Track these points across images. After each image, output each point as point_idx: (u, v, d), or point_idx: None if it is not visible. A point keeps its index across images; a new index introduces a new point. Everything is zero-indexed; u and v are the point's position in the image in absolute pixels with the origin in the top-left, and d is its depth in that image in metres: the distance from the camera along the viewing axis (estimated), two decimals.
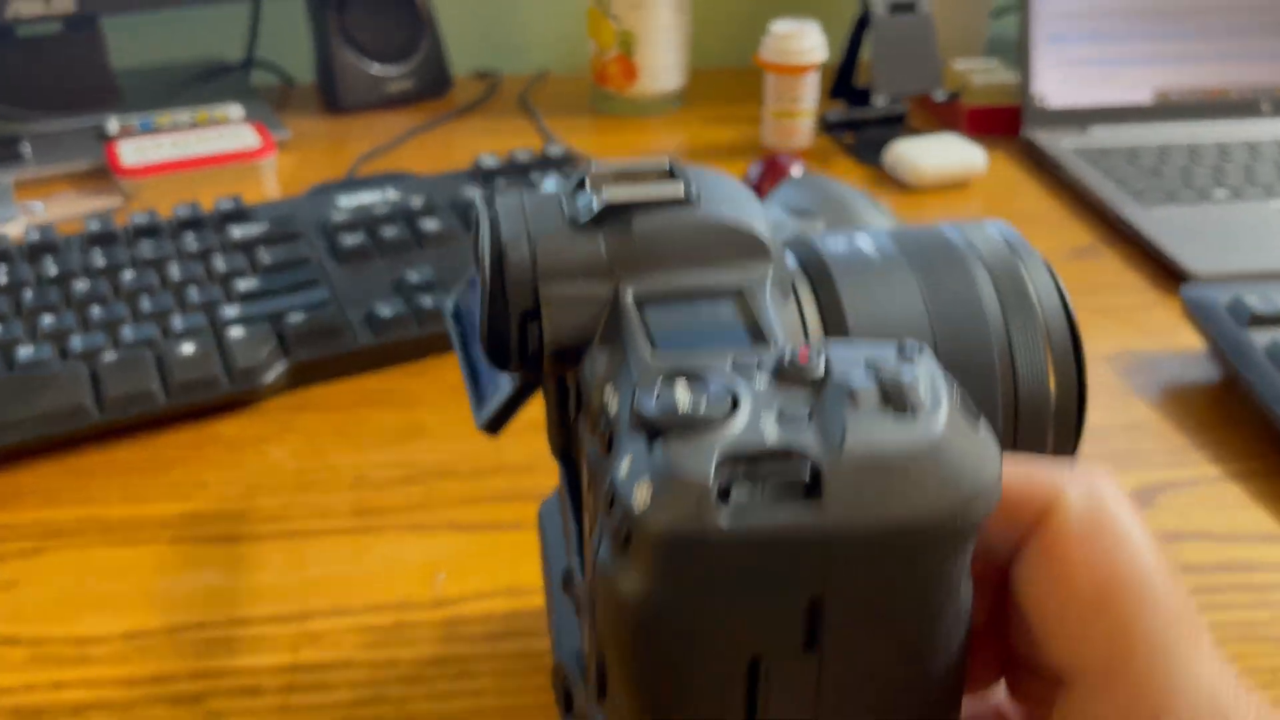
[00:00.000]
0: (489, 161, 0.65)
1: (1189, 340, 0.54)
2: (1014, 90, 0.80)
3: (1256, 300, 0.51)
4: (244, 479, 0.46)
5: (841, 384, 0.20)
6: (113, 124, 0.78)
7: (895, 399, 0.20)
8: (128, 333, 0.50)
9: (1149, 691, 0.21)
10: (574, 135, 0.81)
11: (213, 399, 0.48)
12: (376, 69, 0.85)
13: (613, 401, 0.22)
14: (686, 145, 0.81)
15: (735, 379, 0.21)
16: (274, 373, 0.50)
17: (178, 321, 0.51)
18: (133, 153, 0.73)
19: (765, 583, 0.19)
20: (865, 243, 0.28)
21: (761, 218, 0.26)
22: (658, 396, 0.20)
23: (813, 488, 0.19)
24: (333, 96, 0.85)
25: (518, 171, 0.65)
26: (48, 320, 0.50)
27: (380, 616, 0.39)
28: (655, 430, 0.20)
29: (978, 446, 0.20)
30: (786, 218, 0.65)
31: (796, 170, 0.65)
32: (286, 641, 0.38)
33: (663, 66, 0.85)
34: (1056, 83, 0.79)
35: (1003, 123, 0.80)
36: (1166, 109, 0.79)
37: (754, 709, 0.21)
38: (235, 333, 0.50)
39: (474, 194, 0.61)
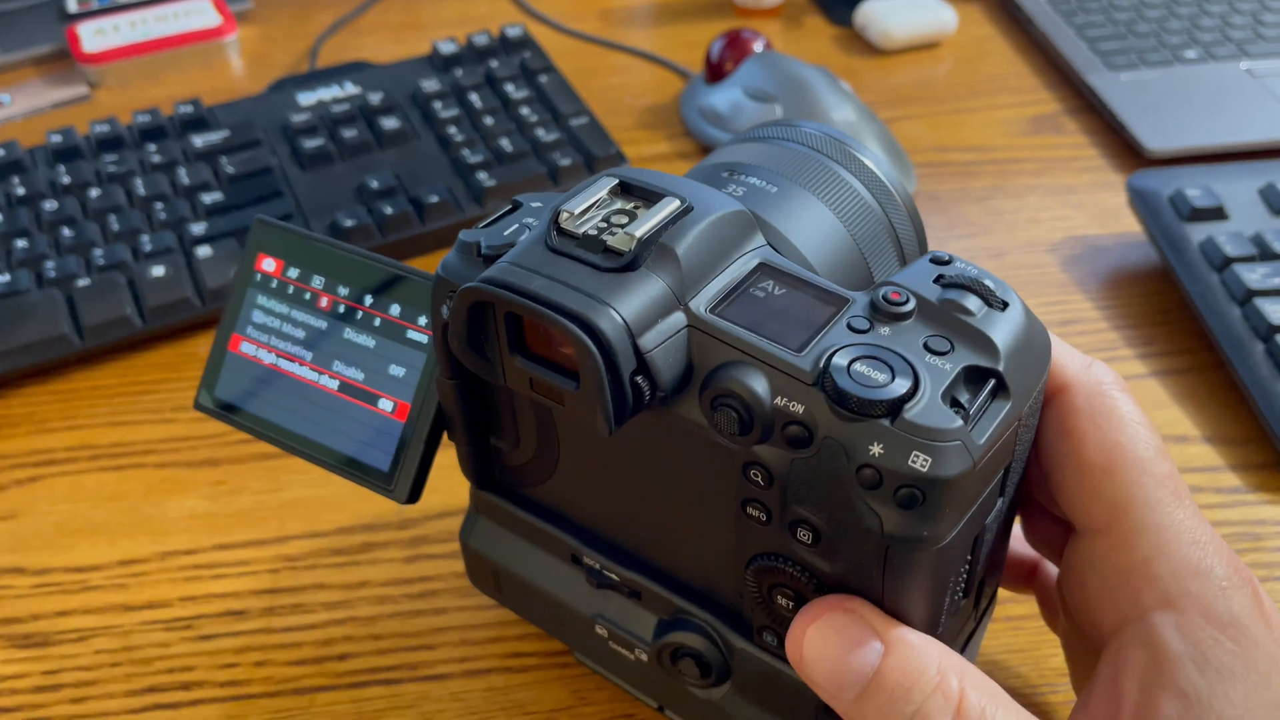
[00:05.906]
0: (447, 48, 0.64)
1: (1136, 224, 0.55)
2: None
3: (1198, 194, 0.52)
4: None
5: (949, 303, 0.24)
6: (71, 0, 0.76)
7: (991, 299, 0.25)
8: (99, 255, 0.52)
9: (1143, 538, 0.26)
10: None
11: (186, 320, 0.51)
12: None
13: (796, 406, 0.24)
14: (659, 1, 0.79)
15: (874, 339, 0.24)
16: None
17: (147, 241, 0.52)
18: (92, 36, 0.72)
19: (989, 476, 0.24)
20: (753, 179, 0.30)
21: (723, 190, 0.28)
22: (863, 384, 0.23)
23: (1001, 388, 0.24)
24: None
25: (476, 57, 0.64)
26: (21, 245, 0.52)
27: (350, 538, 0.43)
28: (884, 412, 0.23)
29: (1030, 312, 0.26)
30: (746, 101, 0.65)
31: (759, 47, 0.65)
32: (266, 565, 0.42)
33: None
34: None
35: None
36: None
37: (975, 562, 0.27)
38: (203, 252, 0.52)
39: (432, 89, 0.61)
